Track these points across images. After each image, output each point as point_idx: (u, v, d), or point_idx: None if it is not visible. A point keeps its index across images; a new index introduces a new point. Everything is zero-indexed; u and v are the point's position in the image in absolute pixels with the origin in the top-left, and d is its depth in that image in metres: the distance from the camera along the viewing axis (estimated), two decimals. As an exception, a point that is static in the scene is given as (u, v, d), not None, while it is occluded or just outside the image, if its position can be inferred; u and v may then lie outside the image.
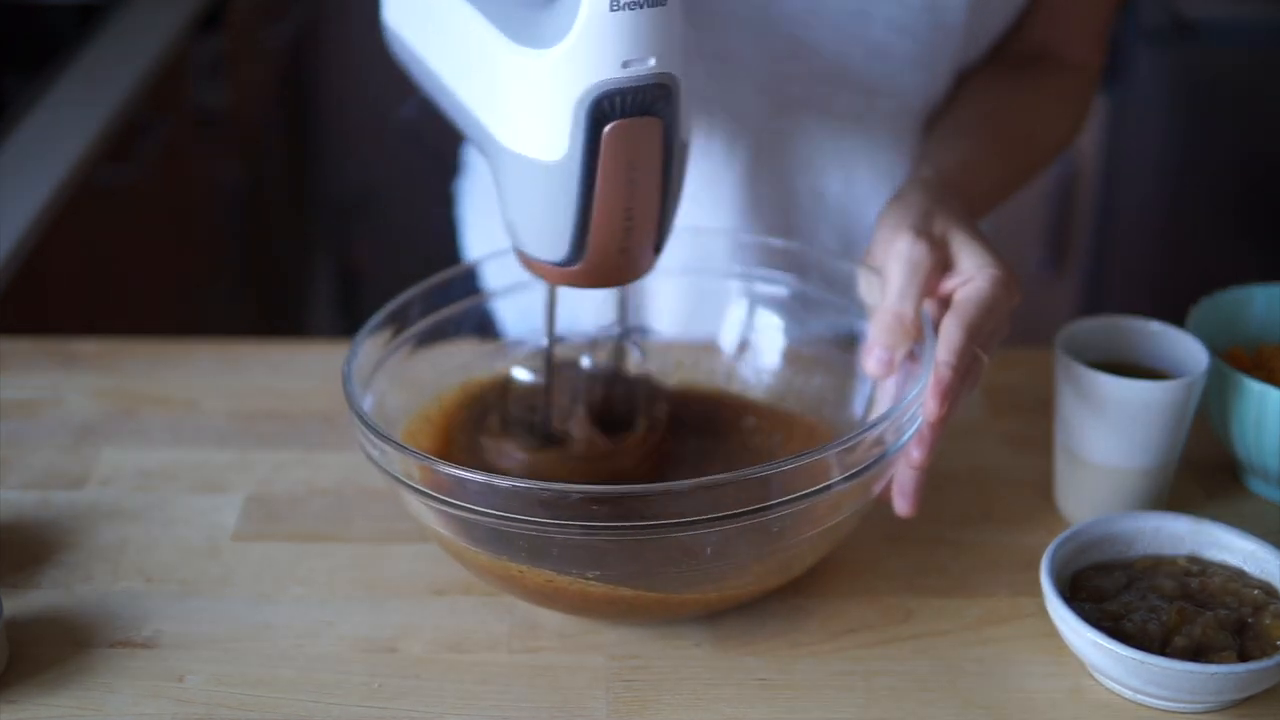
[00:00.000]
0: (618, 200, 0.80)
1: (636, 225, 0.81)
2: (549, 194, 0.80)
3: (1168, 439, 0.91)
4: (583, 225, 0.80)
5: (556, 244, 0.82)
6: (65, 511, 0.94)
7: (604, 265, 0.82)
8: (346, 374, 0.86)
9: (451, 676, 0.82)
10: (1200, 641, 0.79)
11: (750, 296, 1.00)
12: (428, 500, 0.79)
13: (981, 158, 1.00)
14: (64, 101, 1.67)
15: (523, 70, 0.78)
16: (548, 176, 0.79)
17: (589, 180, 0.79)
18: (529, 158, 0.80)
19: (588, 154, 0.78)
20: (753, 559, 0.81)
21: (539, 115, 0.78)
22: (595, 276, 0.83)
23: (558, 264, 0.82)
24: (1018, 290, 0.86)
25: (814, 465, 0.78)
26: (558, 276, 0.84)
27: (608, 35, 0.75)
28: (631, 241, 0.82)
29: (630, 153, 0.78)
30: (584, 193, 0.79)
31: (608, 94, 0.76)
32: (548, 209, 0.80)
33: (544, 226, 0.81)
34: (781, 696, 0.81)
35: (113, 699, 0.80)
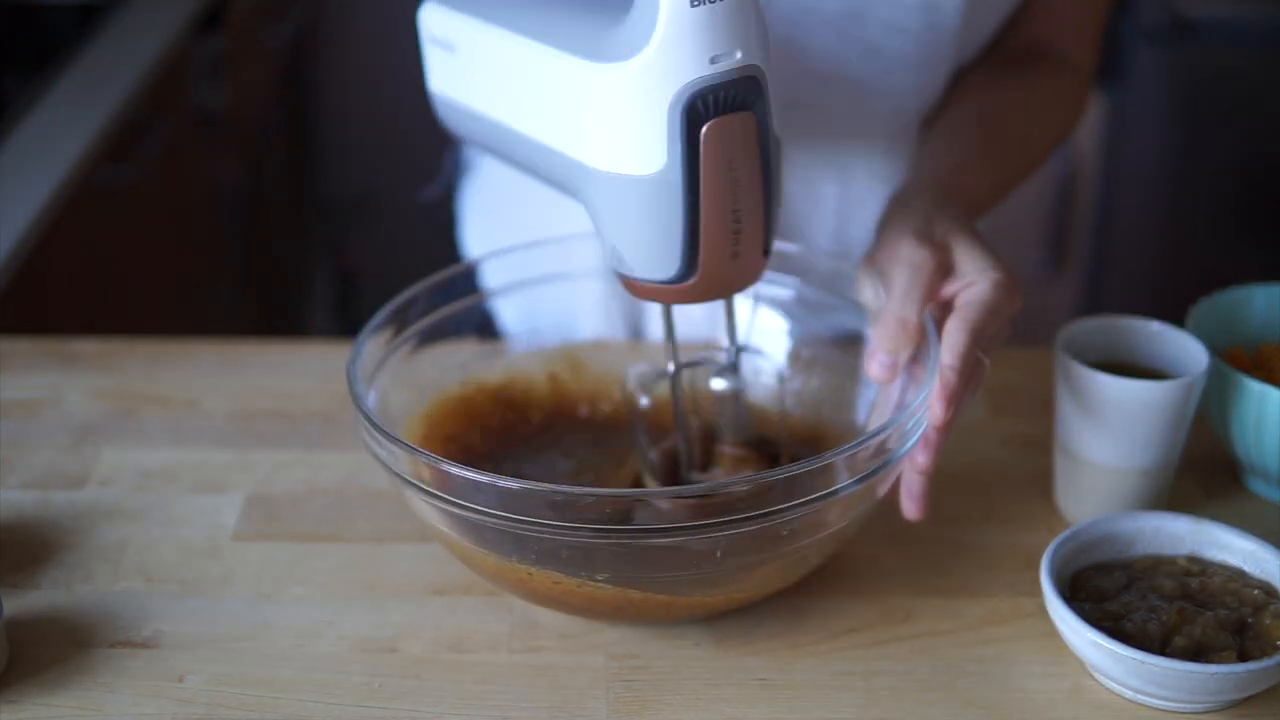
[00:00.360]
0: (724, 203, 0.77)
1: (744, 228, 0.78)
2: (653, 209, 0.77)
3: (1168, 439, 0.91)
4: (692, 236, 0.78)
5: (667, 261, 0.79)
6: (65, 511, 0.94)
7: (718, 275, 0.79)
8: (351, 374, 0.85)
9: (451, 676, 0.82)
10: (1200, 641, 0.79)
11: (752, 298, 1.00)
12: (436, 501, 0.79)
13: (979, 160, 1.00)
14: (64, 101, 1.67)
15: (609, 86, 0.76)
16: (649, 191, 0.77)
17: (693, 186, 0.76)
18: (627, 175, 0.77)
19: (687, 160, 0.76)
20: (761, 562, 0.81)
21: (632, 128, 0.76)
22: (710, 289, 0.80)
23: (670, 282, 0.79)
24: (1019, 294, 0.86)
25: (825, 469, 0.78)
26: (672, 295, 0.81)
27: (692, 33, 0.73)
28: (742, 246, 0.79)
29: (730, 151, 0.76)
30: (689, 200, 0.77)
31: (700, 93, 0.74)
32: (653, 225, 0.78)
33: (651, 245, 0.78)
34: (781, 696, 0.81)
35: (113, 699, 0.80)
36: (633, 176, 0.77)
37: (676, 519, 0.77)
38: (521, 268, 0.99)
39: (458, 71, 0.90)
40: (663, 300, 0.82)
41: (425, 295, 0.94)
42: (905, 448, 0.82)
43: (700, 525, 0.76)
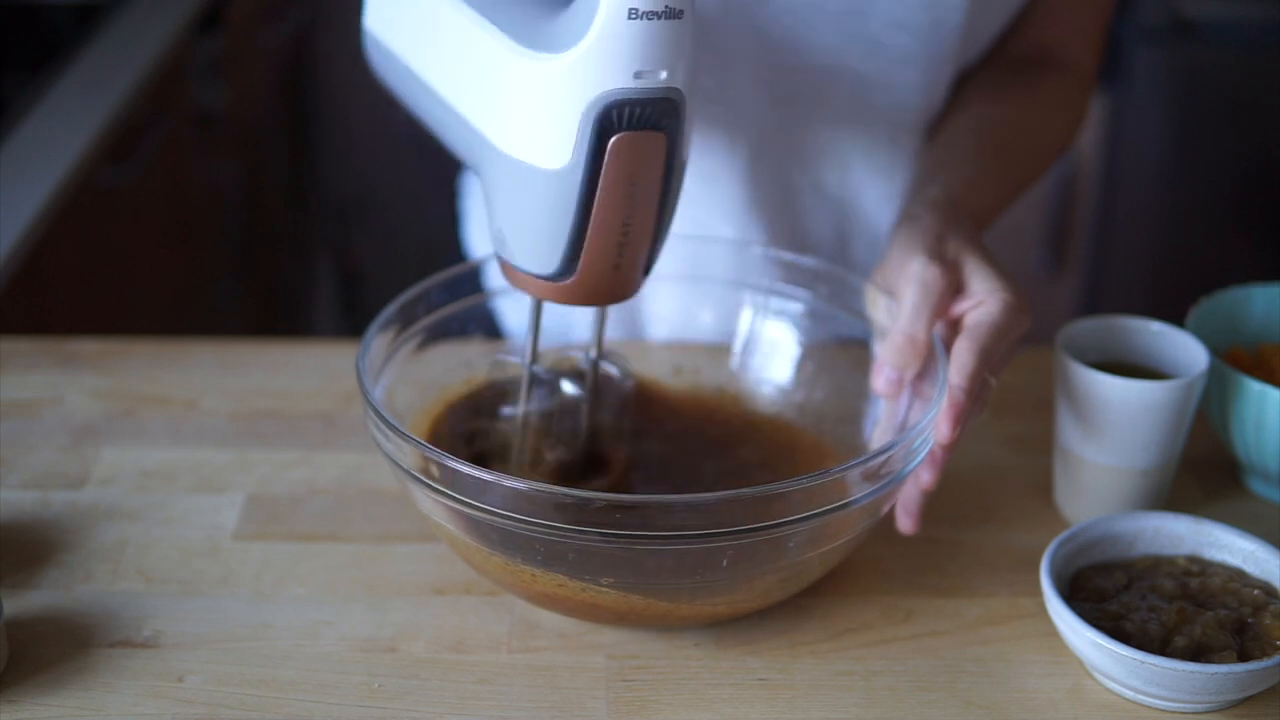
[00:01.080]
0: (616, 214, 0.78)
1: (631, 242, 0.80)
2: (546, 203, 0.78)
3: (1168, 439, 0.91)
4: (578, 238, 0.79)
5: (548, 257, 0.80)
6: (65, 511, 0.94)
7: (595, 282, 0.81)
8: (361, 369, 0.85)
9: (451, 676, 0.82)
10: (1200, 641, 0.79)
11: (756, 307, 1.00)
12: (443, 499, 0.79)
13: (986, 172, 1.00)
14: (64, 101, 1.67)
15: (531, 75, 0.77)
16: (547, 185, 0.78)
17: (589, 191, 0.77)
18: (529, 165, 0.78)
19: (590, 164, 0.77)
20: (764, 572, 0.81)
21: (545, 121, 0.77)
22: (584, 293, 0.81)
23: (547, 278, 0.81)
24: (1028, 315, 0.87)
25: (835, 482, 0.78)
26: (545, 291, 0.82)
27: (623, 43, 0.74)
28: (624, 259, 0.80)
29: (633, 166, 0.77)
30: (583, 204, 0.78)
31: (617, 104, 0.75)
32: (543, 219, 0.79)
33: (537, 237, 0.80)
34: (781, 696, 0.81)
35: (113, 699, 0.80)
36: (535, 167, 0.78)
37: (683, 526, 0.77)
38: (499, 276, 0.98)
39: (396, 15, 0.91)
40: (535, 294, 0.83)
41: (433, 292, 0.94)
42: (914, 463, 0.82)
43: (707, 534, 0.76)
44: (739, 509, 0.77)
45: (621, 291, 0.82)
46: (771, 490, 0.76)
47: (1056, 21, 1.10)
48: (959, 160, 1.00)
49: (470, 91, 0.83)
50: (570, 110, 0.76)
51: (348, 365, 1.09)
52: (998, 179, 1.01)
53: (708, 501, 0.76)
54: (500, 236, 0.82)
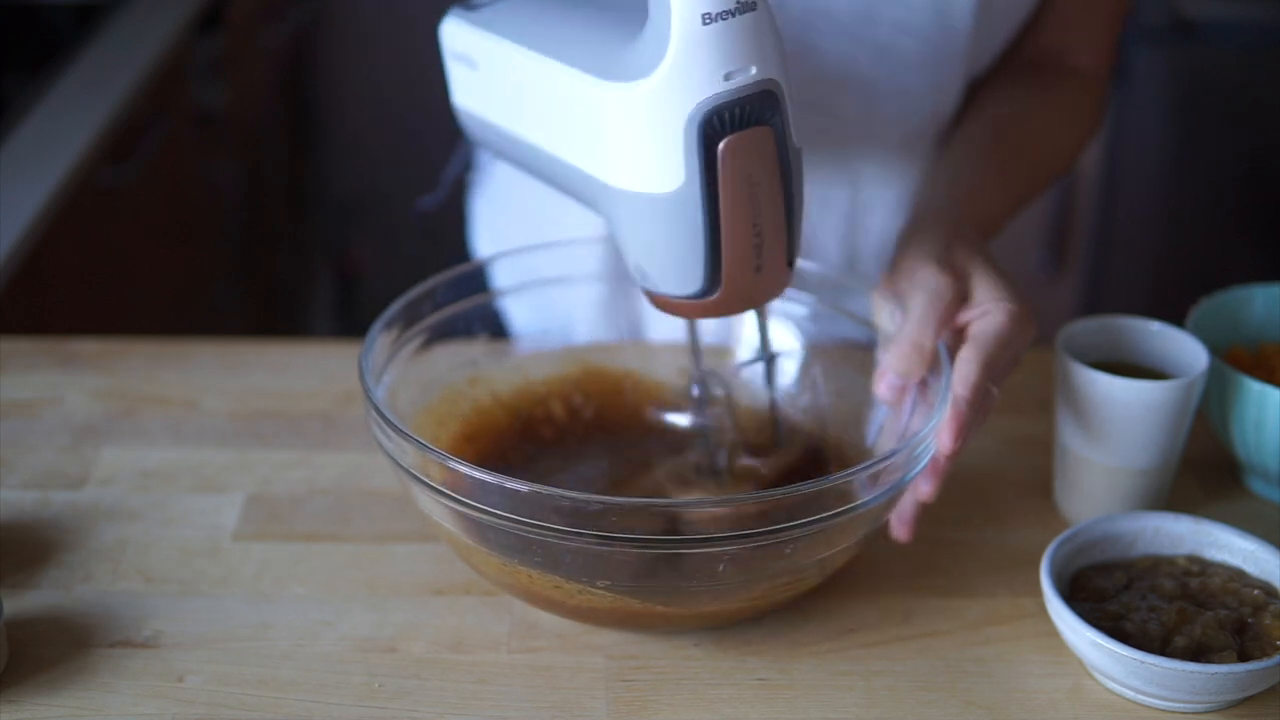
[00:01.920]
0: (744, 219, 0.77)
1: (766, 242, 0.78)
2: (672, 226, 0.77)
3: (1168, 439, 0.91)
4: (713, 252, 0.77)
5: (689, 277, 0.78)
6: (65, 511, 0.94)
7: (741, 289, 0.79)
8: (363, 368, 0.85)
9: (451, 676, 0.82)
10: (1200, 641, 0.79)
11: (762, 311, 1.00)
12: (442, 499, 0.79)
13: (995, 181, 1.00)
14: (64, 101, 1.67)
15: (625, 105, 0.76)
16: (668, 208, 0.77)
17: (712, 203, 0.76)
18: (645, 193, 0.77)
19: (706, 176, 0.76)
20: (762, 578, 0.81)
21: (649, 147, 0.76)
22: (734, 303, 0.80)
23: (694, 297, 0.79)
24: (1032, 325, 0.87)
25: (836, 488, 0.78)
26: (697, 310, 0.81)
27: (704, 50, 0.73)
28: (764, 260, 0.79)
29: (748, 167, 0.76)
30: (709, 218, 0.76)
31: (715, 110, 0.74)
32: (674, 242, 0.78)
33: (673, 261, 0.78)
34: (781, 696, 0.81)
35: (112, 699, 0.80)
36: (652, 195, 0.77)
37: (681, 530, 0.77)
38: (531, 269, 0.99)
39: (479, 87, 0.90)
40: (689, 315, 0.82)
41: (438, 291, 0.94)
42: (915, 470, 0.82)
43: (705, 539, 0.76)
44: (737, 514, 0.77)
45: (770, 291, 0.81)
46: (770, 496, 0.76)
47: (1068, 29, 1.10)
48: (967, 167, 1.00)
49: (571, 138, 0.82)
50: (671, 129, 0.75)
51: (348, 365, 1.09)
52: (1005, 187, 1.01)
53: (705, 506, 0.76)
54: (640, 270, 0.81)
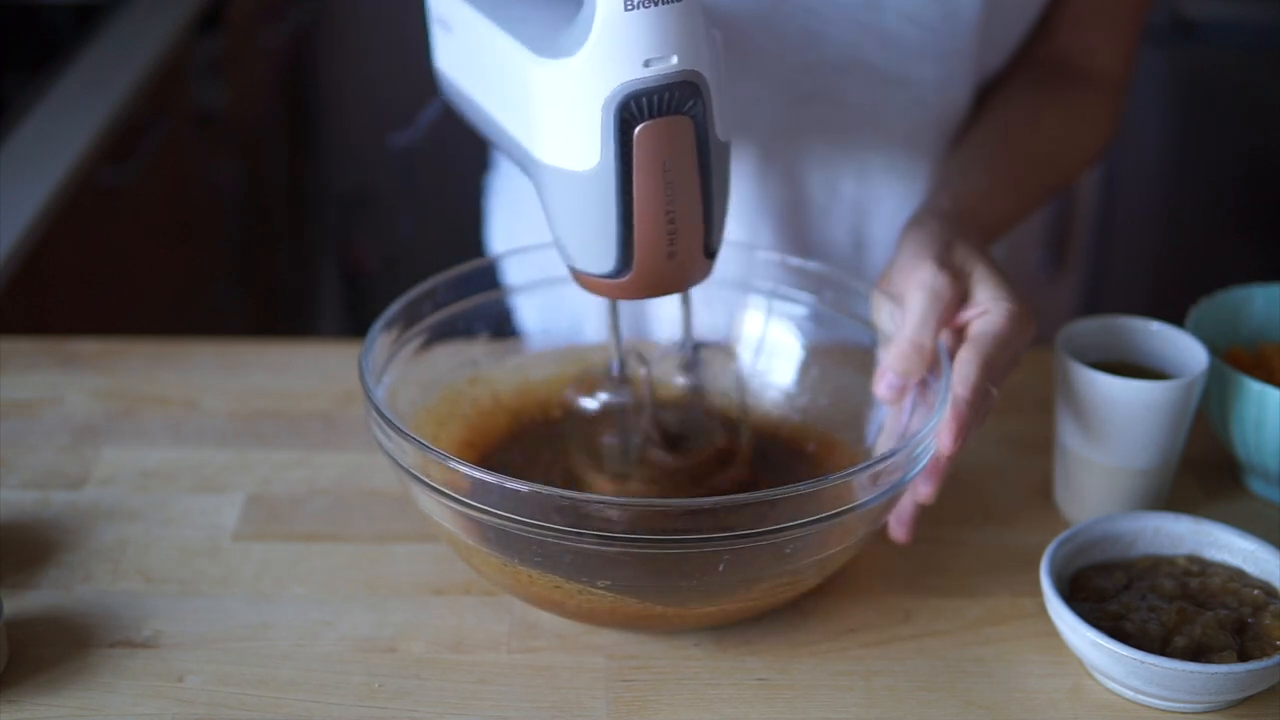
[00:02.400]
0: (656, 204, 0.78)
1: (681, 229, 0.80)
2: (589, 204, 0.79)
3: (1168, 439, 0.91)
4: (626, 233, 0.79)
5: (603, 256, 0.80)
6: (65, 511, 0.94)
7: (653, 274, 0.81)
8: (364, 366, 0.85)
9: (451, 676, 0.82)
10: (1200, 641, 0.79)
11: (761, 310, 1.00)
12: (442, 499, 0.79)
13: (1002, 184, 1.00)
14: (64, 101, 1.67)
15: (550, 81, 0.78)
16: (585, 186, 0.79)
17: (625, 185, 0.78)
18: (566, 169, 0.79)
19: (621, 159, 0.77)
20: (762, 578, 0.81)
21: (569, 124, 0.78)
22: (646, 286, 0.81)
23: (608, 276, 0.81)
24: (1032, 324, 0.87)
25: (835, 488, 0.78)
26: (612, 290, 0.82)
27: (625, 36, 0.75)
28: (679, 247, 0.80)
29: (663, 154, 0.77)
30: (622, 199, 0.78)
31: (633, 95, 0.76)
32: (590, 220, 0.80)
33: (589, 238, 0.80)
34: (781, 696, 0.81)
35: (112, 699, 0.80)
36: (571, 171, 0.79)
37: (682, 530, 0.77)
38: (537, 268, 0.99)
39: (453, 50, 0.93)
40: (604, 294, 0.84)
41: (438, 291, 0.94)
42: (915, 471, 0.82)
43: (704, 538, 0.76)
44: (736, 514, 0.76)
45: (684, 279, 0.83)
46: (770, 496, 0.76)
47: (1084, 30, 1.09)
48: (974, 169, 1.00)
49: (511, 108, 0.84)
50: (590, 110, 0.77)
51: (348, 365, 1.09)
52: (1012, 191, 1.00)
53: (705, 506, 0.76)
54: (560, 244, 0.83)
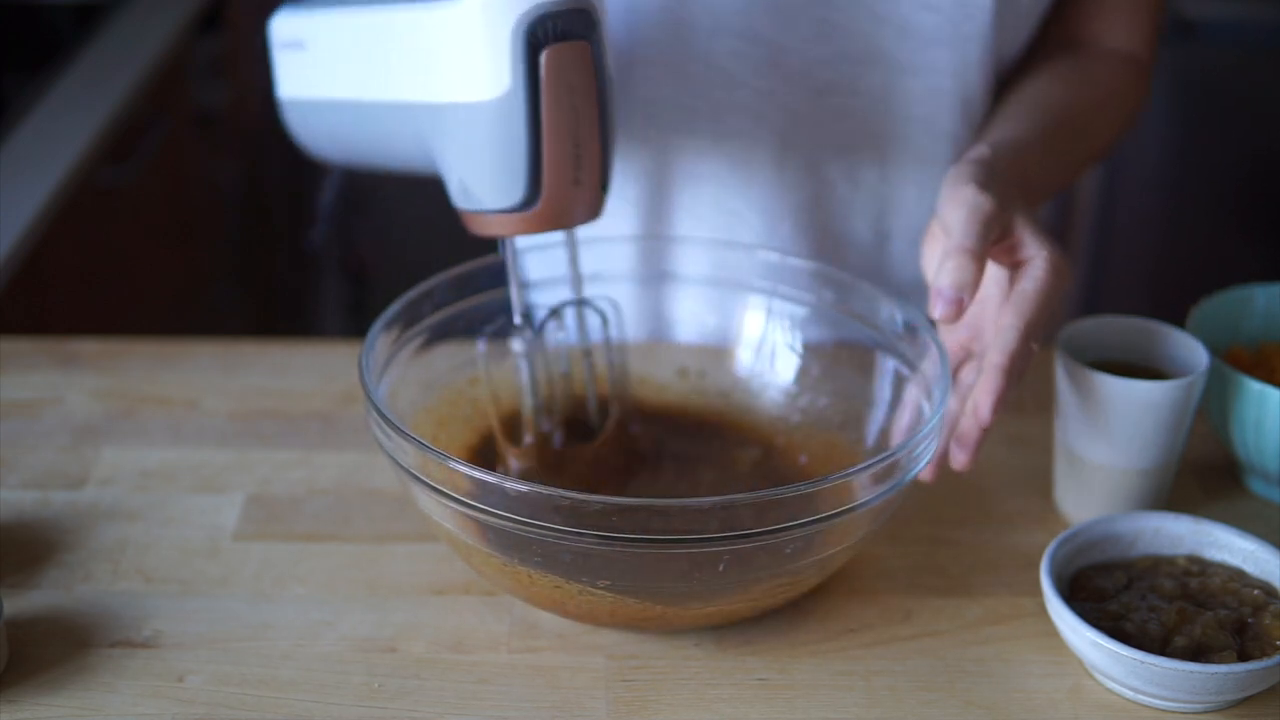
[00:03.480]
0: (563, 127, 0.82)
1: (584, 156, 0.83)
2: (496, 133, 0.82)
3: (1168, 439, 0.91)
4: (534, 160, 0.82)
5: (512, 186, 0.83)
6: (65, 511, 0.94)
7: (560, 202, 0.84)
8: (365, 366, 0.85)
9: (451, 676, 0.82)
10: (1200, 641, 0.79)
11: (760, 310, 1.00)
12: (444, 500, 0.79)
13: (1038, 146, 0.98)
14: (64, 101, 1.67)
15: (453, 20, 0.82)
16: (494, 115, 0.82)
17: (534, 109, 0.82)
18: (474, 103, 0.82)
19: (529, 82, 0.81)
20: (762, 578, 0.81)
21: (478, 56, 0.82)
22: (553, 215, 0.84)
23: (515, 209, 0.84)
24: (1069, 274, 0.86)
25: (835, 488, 0.78)
26: (518, 225, 0.85)
27: None
28: (582, 174, 0.84)
29: (568, 77, 0.82)
30: (531, 124, 0.82)
31: (539, 19, 0.80)
32: (497, 150, 0.83)
33: (496, 171, 0.83)
34: (781, 696, 0.81)
35: (113, 699, 0.80)
36: (478, 103, 0.82)
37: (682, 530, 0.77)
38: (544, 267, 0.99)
39: (309, 67, 0.97)
40: (509, 231, 0.86)
41: (438, 291, 0.94)
42: (915, 471, 0.82)
43: (704, 538, 0.76)
44: (736, 514, 0.76)
45: (588, 210, 0.86)
46: (770, 495, 0.76)
47: (1101, 16, 1.10)
48: (1010, 129, 0.99)
49: (399, 76, 0.87)
50: (499, 36, 0.80)
51: (348, 365, 1.09)
52: (1049, 154, 0.99)
53: (705, 505, 0.76)
54: (463, 188, 0.85)
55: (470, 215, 0.87)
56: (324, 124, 0.98)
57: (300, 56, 0.97)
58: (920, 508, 0.95)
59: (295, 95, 1.00)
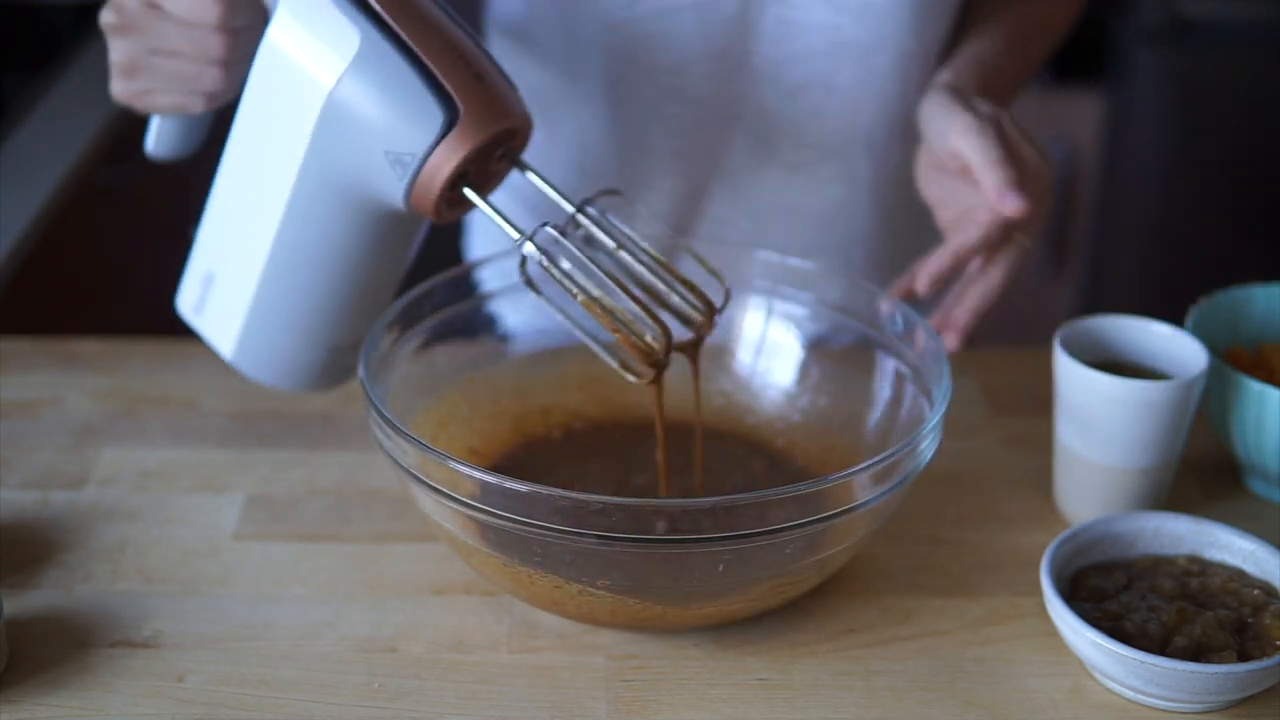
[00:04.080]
0: (429, 35, 0.82)
1: (465, 54, 0.83)
2: (385, 83, 0.82)
3: (1168, 439, 0.91)
4: (426, 75, 0.82)
5: (427, 115, 0.82)
6: (65, 511, 0.94)
7: (477, 100, 0.82)
8: (365, 366, 0.85)
9: (451, 676, 0.82)
10: (1200, 641, 0.79)
11: (765, 311, 1.00)
12: (444, 500, 0.79)
13: (994, 53, 1.05)
14: (64, 101, 1.67)
15: (282, 30, 0.84)
16: (370, 69, 0.82)
17: (394, 37, 0.82)
18: (344, 71, 0.82)
19: (373, 20, 0.82)
20: (761, 578, 0.81)
21: (320, 37, 0.82)
22: (484, 115, 0.82)
23: (447, 131, 0.82)
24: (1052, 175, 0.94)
25: (834, 488, 0.78)
26: (460, 144, 0.82)
27: None
28: (480, 68, 0.83)
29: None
30: (400, 47, 0.82)
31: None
32: (392, 90, 0.82)
33: (403, 108, 0.82)
34: (781, 696, 0.81)
35: (112, 699, 0.80)
36: (348, 68, 0.82)
37: (682, 530, 0.77)
38: None
39: (235, 281, 0.93)
40: (460, 156, 0.82)
41: (437, 291, 0.94)
42: (914, 470, 0.82)
43: (704, 539, 0.76)
44: (736, 514, 0.77)
45: (510, 100, 0.84)
46: (770, 495, 0.76)
47: None
48: (970, 44, 1.06)
49: (272, 111, 0.87)
50: (324, 9, 0.82)
51: (348, 365, 1.09)
52: (1006, 53, 1.06)
53: (705, 505, 0.76)
54: (395, 160, 0.83)
55: (424, 185, 0.83)
56: (291, 321, 0.94)
57: (221, 290, 0.93)
58: (920, 508, 0.95)
59: (243, 332, 0.94)
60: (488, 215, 0.85)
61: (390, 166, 0.83)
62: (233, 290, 0.93)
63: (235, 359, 0.95)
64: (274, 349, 0.94)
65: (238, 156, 0.90)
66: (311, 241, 0.89)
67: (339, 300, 0.92)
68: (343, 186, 0.86)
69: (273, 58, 0.85)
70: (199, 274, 0.95)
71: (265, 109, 0.87)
